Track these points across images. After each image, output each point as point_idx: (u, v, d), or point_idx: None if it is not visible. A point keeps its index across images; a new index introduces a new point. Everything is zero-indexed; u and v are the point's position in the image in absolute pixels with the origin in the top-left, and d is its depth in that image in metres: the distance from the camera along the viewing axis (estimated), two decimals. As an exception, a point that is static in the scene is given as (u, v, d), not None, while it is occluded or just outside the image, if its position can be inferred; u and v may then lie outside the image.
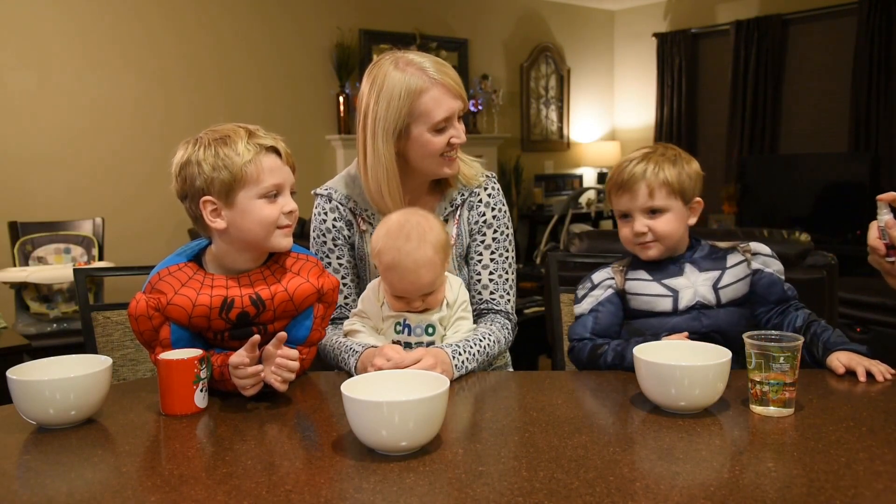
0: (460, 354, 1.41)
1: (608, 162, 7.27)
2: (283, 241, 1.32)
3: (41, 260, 3.54)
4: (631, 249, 1.53)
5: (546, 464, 0.99)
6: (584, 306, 1.53)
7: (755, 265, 1.52)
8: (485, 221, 1.60)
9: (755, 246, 1.55)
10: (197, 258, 1.38)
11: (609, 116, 7.59)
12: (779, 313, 1.51)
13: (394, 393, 1.07)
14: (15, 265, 3.49)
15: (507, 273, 1.61)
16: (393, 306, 1.48)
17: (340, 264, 1.60)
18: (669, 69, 6.90)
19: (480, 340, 1.47)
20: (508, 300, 1.62)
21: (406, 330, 1.48)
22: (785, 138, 6.24)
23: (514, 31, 6.68)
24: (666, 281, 1.50)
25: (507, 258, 1.62)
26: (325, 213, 1.60)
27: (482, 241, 1.60)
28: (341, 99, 5.42)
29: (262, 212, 1.28)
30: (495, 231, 1.61)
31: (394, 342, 1.48)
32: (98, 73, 4.43)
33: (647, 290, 1.50)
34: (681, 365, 1.15)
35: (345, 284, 1.61)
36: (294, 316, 1.36)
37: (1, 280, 3.26)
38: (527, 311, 3.67)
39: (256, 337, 1.24)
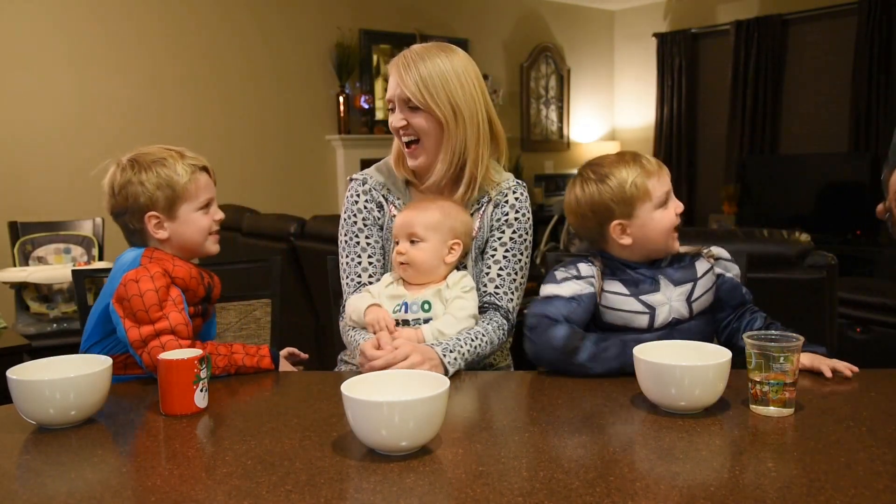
0: (451, 352, 1.43)
1: (608, 162, 7.25)
2: (214, 246, 1.55)
3: (41, 260, 3.53)
4: (665, 244, 1.47)
5: (546, 464, 0.99)
6: (564, 290, 1.46)
7: (717, 270, 1.52)
8: (506, 221, 1.63)
9: (716, 250, 1.54)
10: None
11: (609, 116, 7.59)
12: (737, 317, 1.52)
13: (394, 393, 1.07)
14: (15, 265, 3.49)
15: (515, 274, 1.62)
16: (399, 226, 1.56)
17: (368, 243, 1.64)
18: (669, 69, 6.90)
19: (472, 340, 1.49)
20: (511, 299, 1.62)
21: (403, 308, 1.52)
22: (785, 138, 6.23)
23: (514, 31, 6.68)
24: (643, 297, 1.46)
25: (519, 260, 1.63)
26: (358, 196, 1.66)
27: (499, 238, 1.62)
28: (341, 99, 5.42)
29: (201, 222, 1.51)
30: (514, 231, 1.62)
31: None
32: (97, 74, 4.43)
33: (624, 306, 1.46)
34: (681, 365, 1.15)
35: (370, 263, 1.64)
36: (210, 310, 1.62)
37: (1, 280, 3.25)
38: (527, 310, 3.66)
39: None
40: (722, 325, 1.53)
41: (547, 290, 1.49)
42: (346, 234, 1.65)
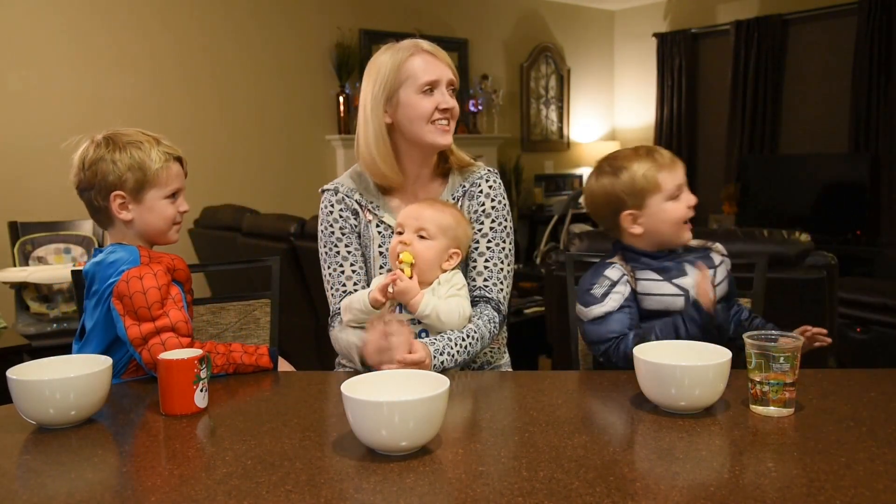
0: (441, 354, 1.44)
1: (608, 162, 7.26)
2: (175, 235, 1.55)
3: (41, 260, 3.54)
4: (675, 234, 1.53)
5: (546, 464, 0.99)
6: (612, 304, 1.50)
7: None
8: (483, 211, 1.63)
9: (719, 246, 1.62)
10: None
11: (609, 116, 7.59)
12: (725, 308, 1.57)
13: (394, 393, 1.07)
14: (15, 265, 3.49)
15: (502, 263, 1.62)
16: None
17: (349, 252, 1.63)
18: (669, 69, 6.90)
19: (463, 339, 1.49)
20: (501, 289, 1.62)
21: (398, 309, 1.52)
22: (785, 138, 6.23)
23: (514, 31, 6.68)
24: (675, 281, 1.51)
25: (503, 248, 1.63)
26: (332, 205, 1.65)
27: (479, 230, 1.63)
28: (341, 99, 5.42)
29: (166, 210, 1.50)
30: (493, 221, 1.63)
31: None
32: (97, 73, 4.43)
33: (661, 290, 1.51)
34: (681, 365, 1.15)
35: (354, 271, 1.63)
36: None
37: (1, 280, 3.25)
38: (527, 311, 3.67)
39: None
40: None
41: (594, 311, 1.52)
42: (325, 246, 1.65)
